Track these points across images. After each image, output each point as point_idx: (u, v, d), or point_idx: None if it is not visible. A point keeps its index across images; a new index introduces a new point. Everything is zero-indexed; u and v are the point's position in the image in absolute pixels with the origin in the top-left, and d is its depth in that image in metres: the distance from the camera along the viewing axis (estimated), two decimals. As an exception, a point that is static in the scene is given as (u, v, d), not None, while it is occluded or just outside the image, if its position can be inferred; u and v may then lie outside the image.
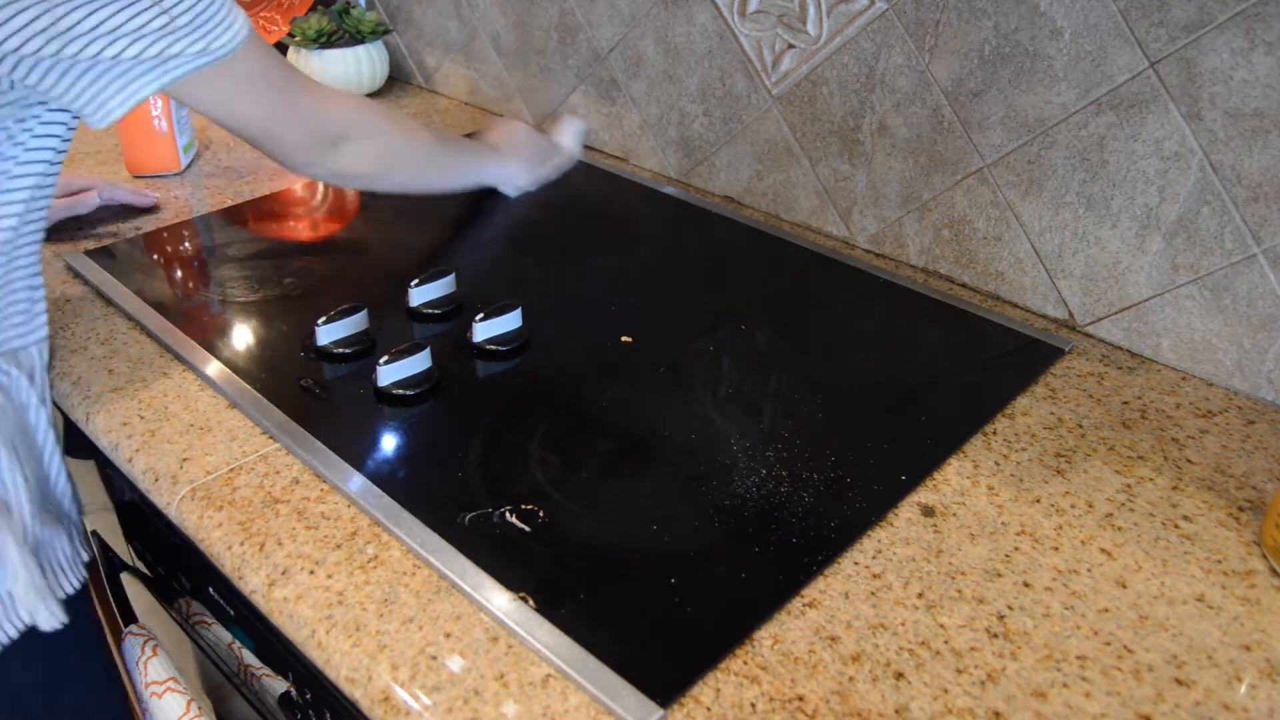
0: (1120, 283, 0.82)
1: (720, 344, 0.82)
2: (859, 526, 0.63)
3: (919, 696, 0.52)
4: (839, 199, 1.00)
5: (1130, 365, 0.82)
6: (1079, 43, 0.78)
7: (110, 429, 0.70)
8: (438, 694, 0.51)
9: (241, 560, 0.60)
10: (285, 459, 0.67)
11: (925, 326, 0.86)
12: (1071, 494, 0.67)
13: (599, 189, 1.12)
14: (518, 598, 0.56)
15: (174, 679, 0.75)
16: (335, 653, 0.54)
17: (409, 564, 0.59)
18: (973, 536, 0.63)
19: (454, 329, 0.82)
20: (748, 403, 0.74)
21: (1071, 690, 0.53)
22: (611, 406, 0.74)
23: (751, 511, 0.63)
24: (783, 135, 1.01)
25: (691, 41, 1.05)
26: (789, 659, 0.54)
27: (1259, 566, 0.61)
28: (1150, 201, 0.78)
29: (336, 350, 0.77)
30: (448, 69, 1.36)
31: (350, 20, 1.31)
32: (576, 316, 0.86)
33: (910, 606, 0.57)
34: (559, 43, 1.19)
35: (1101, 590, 0.59)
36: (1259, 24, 0.69)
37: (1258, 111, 0.71)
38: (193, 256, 0.93)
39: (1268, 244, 0.74)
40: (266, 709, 0.73)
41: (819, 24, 0.93)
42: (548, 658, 0.53)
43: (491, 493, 0.64)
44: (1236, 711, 0.52)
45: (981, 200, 0.89)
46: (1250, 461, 0.71)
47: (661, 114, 1.12)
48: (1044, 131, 0.82)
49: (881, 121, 0.93)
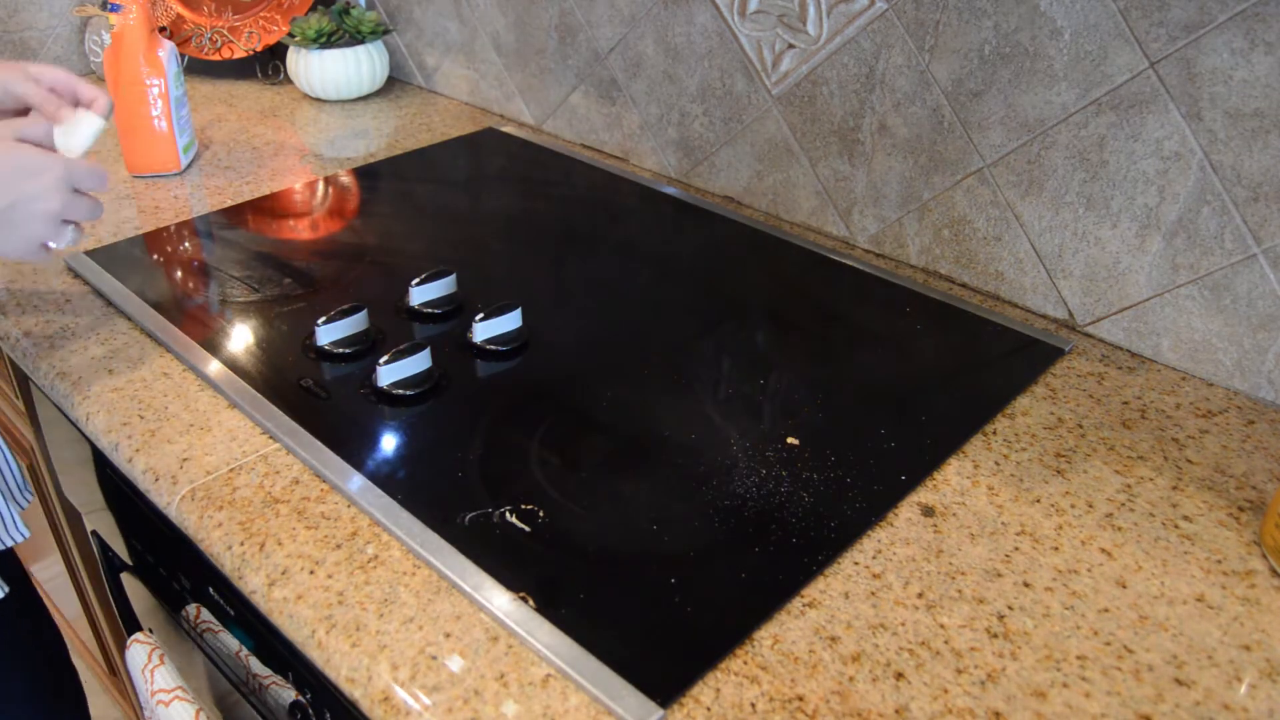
0: (1120, 283, 0.82)
1: (720, 344, 0.82)
2: (859, 526, 0.63)
3: (919, 696, 0.52)
4: (839, 199, 1.00)
5: (1130, 365, 0.82)
6: (1079, 43, 0.78)
7: (110, 429, 0.70)
8: (438, 694, 0.51)
9: (241, 560, 0.60)
10: (285, 459, 0.67)
11: (925, 326, 0.86)
12: (1071, 494, 0.67)
13: (599, 189, 1.12)
14: (518, 598, 0.56)
15: (181, 688, 0.75)
16: (335, 653, 0.54)
17: (409, 564, 0.59)
18: (973, 536, 0.63)
19: (454, 329, 0.82)
20: (748, 403, 0.74)
21: (1071, 690, 0.53)
22: (611, 406, 0.74)
23: (751, 511, 0.63)
24: (783, 135, 1.01)
25: (691, 41, 1.05)
26: (789, 659, 0.54)
27: (1259, 566, 0.61)
28: (1150, 201, 0.78)
29: (336, 350, 0.77)
30: (448, 69, 1.36)
31: (350, 20, 1.31)
32: (576, 316, 0.86)
33: (910, 606, 0.57)
34: (559, 43, 1.19)
35: (1101, 590, 0.59)
36: (1259, 24, 0.69)
37: (1258, 111, 0.71)
38: (193, 256, 0.93)
39: (1268, 244, 0.74)
40: (275, 719, 0.73)
41: (819, 24, 0.93)
42: (548, 658, 0.53)
43: (491, 493, 0.64)
44: (1236, 711, 0.52)
45: (981, 200, 0.89)
46: (1250, 461, 0.71)
47: (661, 114, 1.12)
48: (1044, 131, 0.82)
49: (881, 121, 0.93)
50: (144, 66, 1.03)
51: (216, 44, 1.36)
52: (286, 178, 1.10)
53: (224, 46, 1.36)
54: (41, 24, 1.36)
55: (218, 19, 1.37)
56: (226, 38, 1.36)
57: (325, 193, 1.08)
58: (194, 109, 1.29)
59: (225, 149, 1.17)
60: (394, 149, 1.19)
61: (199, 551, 0.64)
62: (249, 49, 1.35)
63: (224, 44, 1.36)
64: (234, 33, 1.36)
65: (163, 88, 1.04)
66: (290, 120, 1.28)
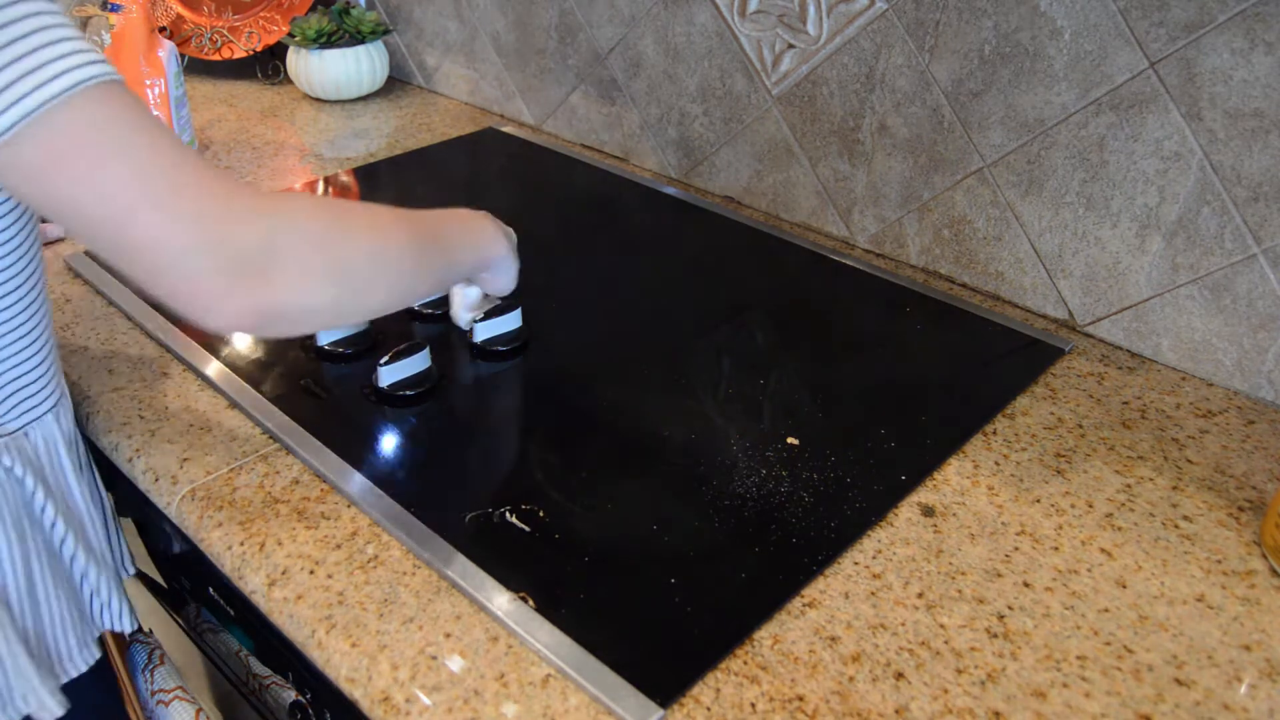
0: (1120, 283, 0.82)
1: (720, 344, 0.82)
2: (859, 526, 0.63)
3: (919, 696, 0.52)
4: (839, 199, 1.00)
5: (1130, 365, 0.82)
6: (1079, 43, 0.78)
7: (110, 429, 0.70)
8: (438, 694, 0.51)
9: (241, 560, 0.60)
10: (285, 459, 0.67)
11: (925, 326, 0.86)
12: (1071, 494, 0.67)
13: (599, 189, 1.12)
14: (518, 598, 0.56)
15: (181, 688, 0.75)
16: (335, 653, 0.54)
17: (409, 564, 0.59)
18: (973, 536, 0.63)
19: (454, 329, 0.82)
20: (748, 403, 0.74)
21: (1071, 690, 0.53)
22: (611, 406, 0.74)
23: (751, 511, 0.63)
24: (783, 135, 1.01)
25: (691, 41, 1.05)
26: (789, 659, 0.54)
27: (1259, 566, 0.61)
28: (1150, 201, 0.78)
29: (336, 350, 0.77)
30: (448, 69, 1.36)
31: (350, 20, 1.31)
32: (576, 316, 0.86)
33: (910, 606, 0.57)
34: (559, 43, 1.19)
35: (1101, 590, 0.59)
36: (1259, 24, 0.69)
37: (1258, 111, 0.71)
38: (193, 256, 0.93)
39: (1268, 244, 0.74)
40: (275, 719, 0.73)
41: (819, 24, 0.93)
42: (548, 658, 0.53)
43: (491, 493, 0.64)
44: (1236, 711, 0.52)
45: (981, 200, 0.89)
46: (1250, 461, 0.71)
47: (661, 114, 1.12)
48: (1044, 131, 0.82)
49: (881, 121, 0.93)
50: (144, 66, 1.03)
51: (216, 44, 1.36)
52: (287, 178, 1.10)
53: (224, 46, 1.36)
54: (41, 24, 1.36)
55: (218, 19, 1.37)
56: (226, 38, 1.36)
57: (325, 193, 1.08)
58: (194, 109, 1.29)
59: (225, 149, 1.17)
60: (394, 149, 1.19)
61: (200, 552, 0.64)
62: (249, 49, 1.35)
63: (224, 44, 1.36)
64: (234, 33, 1.36)
65: (163, 88, 1.04)
66: (290, 120, 1.28)
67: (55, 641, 0.65)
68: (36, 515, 0.63)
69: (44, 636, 0.64)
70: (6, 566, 0.61)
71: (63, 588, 0.65)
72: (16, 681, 0.60)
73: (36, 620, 0.63)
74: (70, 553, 0.65)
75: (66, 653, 0.66)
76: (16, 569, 0.61)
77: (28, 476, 0.62)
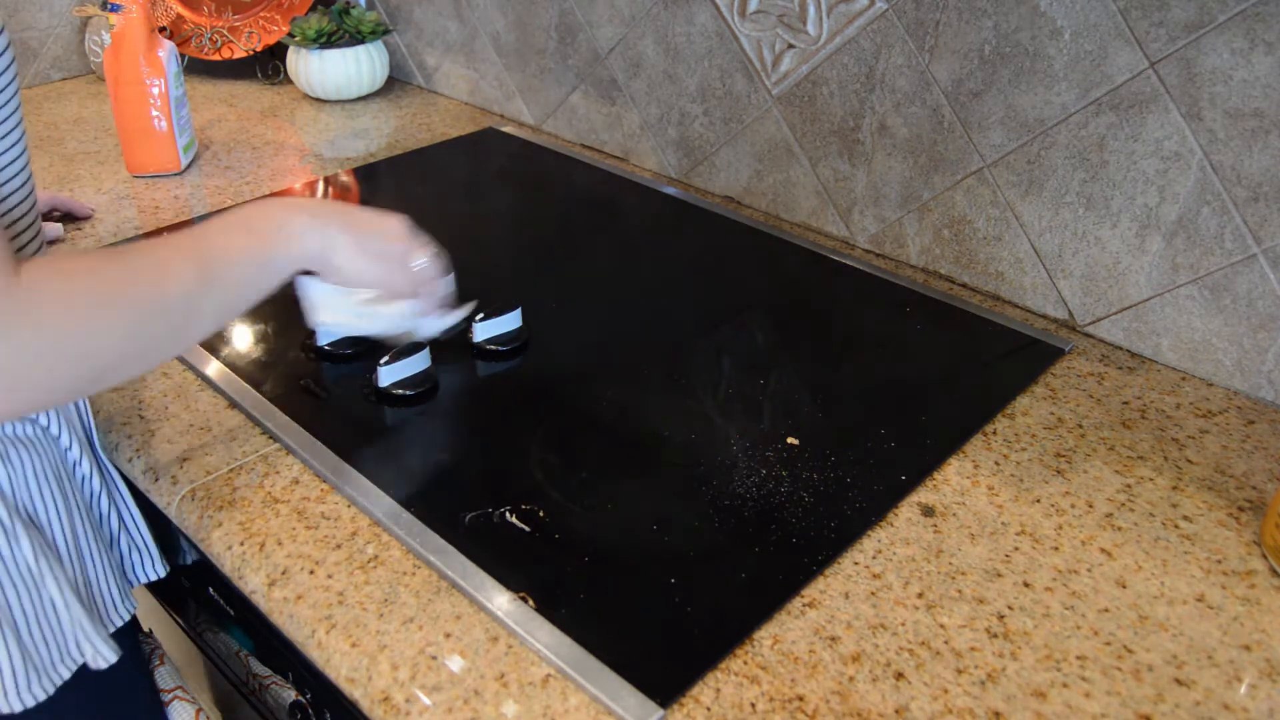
0: (1120, 283, 0.82)
1: (720, 344, 0.82)
2: (859, 526, 0.63)
3: (919, 696, 0.52)
4: (839, 199, 1.00)
5: (1130, 365, 0.82)
6: (1079, 43, 0.78)
7: (110, 429, 0.70)
8: (438, 694, 0.51)
9: (241, 560, 0.60)
10: (285, 459, 0.67)
11: (925, 326, 0.86)
12: (1071, 494, 0.67)
13: (599, 189, 1.12)
14: (518, 598, 0.56)
15: (181, 688, 0.75)
16: (335, 653, 0.54)
17: (409, 564, 0.59)
18: (973, 536, 0.63)
19: (454, 329, 0.82)
20: (748, 403, 0.74)
21: (1071, 690, 0.53)
22: (611, 406, 0.74)
23: (751, 511, 0.63)
24: (783, 135, 1.01)
25: (691, 41, 1.05)
26: (789, 659, 0.54)
27: (1259, 566, 0.61)
28: (1150, 201, 0.78)
29: (336, 350, 0.77)
30: (448, 69, 1.36)
31: (350, 20, 1.31)
32: (576, 316, 0.86)
33: (910, 606, 0.57)
34: (559, 43, 1.19)
35: (1101, 590, 0.59)
36: (1259, 24, 0.69)
37: (1258, 111, 0.71)
38: (193, 256, 0.93)
39: (1268, 244, 0.74)
40: (275, 719, 0.73)
41: (819, 24, 0.93)
42: (548, 658, 0.53)
43: (491, 493, 0.64)
44: (1236, 711, 0.52)
45: (981, 200, 0.89)
46: (1250, 461, 0.71)
47: (661, 114, 1.12)
48: (1044, 131, 0.82)
49: (881, 121, 0.93)
50: (144, 66, 1.03)
51: (216, 44, 1.36)
52: (286, 178, 1.10)
53: (224, 46, 1.36)
54: (41, 24, 1.36)
55: (218, 19, 1.37)
56: (226, 38, 1.36)
57: (325, 193, 1.08)
58: (194, 109, 1.29)
59: (225, 149, 1.17)
60: (394, 149, 1.19)
61: (200, 551, 0.64)
62: (249, 49, 1.35)
63: (224, 44, 1.36)
64: (234, 33, 1.36)
65: (163, 88, 1.04)
66: (290, 120, 1.28)
67: (101, 593, 0.66)
68: (71, 470, 0.65)
69: (90, 587, 0.65)
70: (54, 521, 0.62)
71: (101, 540, 0.66)
72: (71, 630, 0.61)
73: (83, 571, 0.64)
74: (104, 507, 0.67)
75: (111, 603, 0.67)
76: (63, 522, 0.62)
77: (63, 433, 0.63)
